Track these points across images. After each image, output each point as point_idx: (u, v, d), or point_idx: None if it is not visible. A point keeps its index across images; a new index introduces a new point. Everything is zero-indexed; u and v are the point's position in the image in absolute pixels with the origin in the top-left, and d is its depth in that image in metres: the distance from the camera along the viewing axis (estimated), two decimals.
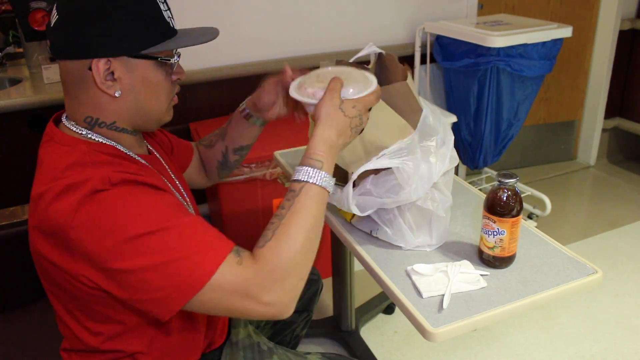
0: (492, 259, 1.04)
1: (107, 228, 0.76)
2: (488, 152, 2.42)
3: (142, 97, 0.89)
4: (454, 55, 2.34)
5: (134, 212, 0.78)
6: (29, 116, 1.94)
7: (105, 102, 0.86)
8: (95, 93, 0.85)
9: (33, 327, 1.42)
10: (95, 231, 0.76)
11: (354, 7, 2.41)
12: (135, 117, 0.90)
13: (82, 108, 0.87)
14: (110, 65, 0.83)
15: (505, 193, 0.99)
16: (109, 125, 0.89)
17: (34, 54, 2.24)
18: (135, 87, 0.87)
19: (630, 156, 3.40)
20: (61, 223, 0.77)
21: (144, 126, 0.94)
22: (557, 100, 3.15)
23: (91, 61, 0.82)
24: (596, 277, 1.03)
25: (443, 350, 1.89)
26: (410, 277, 1.03)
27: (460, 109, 2.41)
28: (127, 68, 0.85)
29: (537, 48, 2.19)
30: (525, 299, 0.98)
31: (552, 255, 1.10)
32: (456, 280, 1.01)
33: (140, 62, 0.86)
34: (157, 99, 0.91)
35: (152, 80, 0.88)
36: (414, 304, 0.97)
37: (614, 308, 2.08)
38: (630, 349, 1.88)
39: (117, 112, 0.88)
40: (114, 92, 0.85)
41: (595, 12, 2.99)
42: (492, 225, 1.01)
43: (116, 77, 0.84)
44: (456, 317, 0.94)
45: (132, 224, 0.77)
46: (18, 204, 1.64)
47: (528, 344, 1.92)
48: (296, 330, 1.47)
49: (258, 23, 2.24)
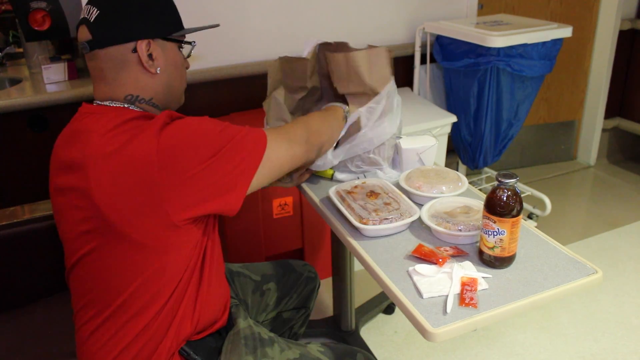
0: (492, 259, 1.04)
1: (190, 138, 0.91)
2: (488, 152, 2.42)
3: (172, 76, 1.05)
4: (454, 55, 2.34)
5: (200, 120, 0.95)
6: (29, 116, 1.94)
7: (145, 80, 1.01)
8: (136, 72, 1.00)
9: (33, 327, 1.42)
10: (180, 144, 0.89)
11: (354, 7, 2.41)
12: (167, 94, 1.05)
13: (122, 88, 1.00)
14: (150, 46, 0.99)
15: (505, 193, 0.99)
16: (147, 101, 1.02)
17: (34, 54, 2.24)
18: (168, 67, 1.03)
19: (630, 156, 3.40)
20: (143, 156, 0.88)
21: (170, 104, 1.08)
22: (557, 100, 3.15)
23: (135, 43, 0.97)
24: (596, 277, 1.03)
25: (443, 350, 1.89)
26: (412, 278, 1.03)
27: (460, 109, 2.41)
28: (162, 49, 1.02)
29: (537, 48, 2.19)
30: (525, 299, 0.97)
31: (553, 255, 1.10)
32: (457, 281, 1.01)
33: (170, 44, 1.03)
34: (181, 79, 1.09)
35: (178, 61, 1.06)
36: (414, 304, 0.97)
37: (614, 308, 2.08)
38: (630, 349, 1.88)
39: (154, 89, 1.03)
40: (155, 69, 1.01)
41: (595, 12, 2.99)
42: (492, 225, 1.01)
43: (154, 57, 1.00)
44: (456, 317, 0.94)
45: (207, 124, 0.95)
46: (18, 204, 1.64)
47: (528, 344, 1.92)
48: (294, 327, 1.48)
49: (258, 23, 2.24)
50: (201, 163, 0.90)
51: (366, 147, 1.34)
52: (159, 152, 0.88)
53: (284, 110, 1.41)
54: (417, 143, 1.40)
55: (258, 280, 1.39)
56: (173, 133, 0.91)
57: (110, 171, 0.88)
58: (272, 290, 1.39)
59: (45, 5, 1.99)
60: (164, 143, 0.89)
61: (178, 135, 0.91)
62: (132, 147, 0.88)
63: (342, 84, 1.33)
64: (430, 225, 1.14)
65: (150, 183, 0.87)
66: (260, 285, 1.39)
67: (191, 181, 0.90)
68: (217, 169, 0.92)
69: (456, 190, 1.28)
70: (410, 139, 1.42)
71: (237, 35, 2.22)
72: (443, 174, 1.34)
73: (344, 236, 1.20)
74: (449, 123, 2.27)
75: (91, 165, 0.90)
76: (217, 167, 0.92)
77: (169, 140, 0.89)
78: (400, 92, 2.56)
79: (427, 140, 1.42)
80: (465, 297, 0.97)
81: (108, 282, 0.95)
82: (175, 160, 0.89)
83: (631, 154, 3.40)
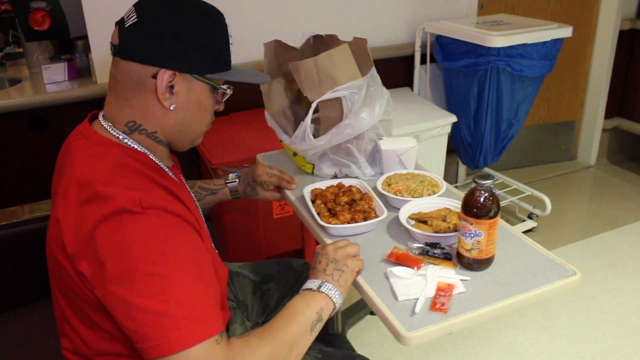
0: (470, 261, 1.03)
1: (120, 251, 0.77)
2: (488, 152, 2.42)
3: (190, 116, 0.93)
4: (454, 55, 2.34)
5: (151, 247, 0.78)
6: (29, 116, 1.94)
7: (155, 111, 0.90)
8: (149, 101, 0.89)
9: (33, 327, 1.42)
10: (109, 250, 0.77)
11: (354, 7, 2.41)
12: (177, 133, 0.94)
13: (129, 111, 0.90)
14: (174, 79, 0.87)
15: (482, 195, 0.97)
16: (149, 134, 0.92)
17: (34, 54, 2.24)
18: (187, 106, 0.91)
19: (630, 156, 3.40)
20: (84, 230, 0.79)
21: (179, 144, 0.97)
22: (557, 100, 3.15)
23: (158, 70, 0.86)
24: (575, 278, 1.02)
25: (443, 350, 1.89)
26: (389, 280, 1.02)
27: (460, 109, 2.41)
28: (187, 86, 0.89)
29: (537, 48, 2.19)
30: (503, 302, 0.96)
31: (532, 257, 1.08)
32: (433, 285, 0.99)
33: (200, 84, 0.91)
34: (201, 121, 0.96)
35: (204, 103, 0.93)
36: (388, 307, 0.95)
37: (614, 308, 2.08)
38: (630, 349, 1.88)
39: (163, 124, 0.91)
40: (169, 104, 0.89)
41: (595, 12, 2.99)
42: (469, 227, 0.99)
43: (174, 91, 0.88)
44: (431, 320, 0.92)
45: (145, 258, 0.77)
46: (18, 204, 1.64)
47: (528, 344, 1.92)
48: None
49: (256, 22, 2.24)
50: (110, 292, 0.78)
51: (346, 136, 1.35)
52: (91, 237, 0.78)
53: (284, 100, 1.42)
54: (398, 144, 1.39)
55: (258, 280, 1.39)
56: (112, 232, 0.78)
57: (60, 211, 0.84)
58: (272, 290, 1.39)
59: (45, 5, 1.99)
60: (99, 232, 0.78)
61: (113, 237, 0.78)
62: (80, 211, 0.81)
63: (313, 91, 1.33)
64: (408, 227, 1.13)
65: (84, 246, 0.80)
66: (260, 285, 1.38)
67: (103, 285, 0.79)
68: (120, 313, 0.78)
69: (435, 192, 1.28)
70: (391, 140, 1.41)
71: (234, 35, 2.21)
72: (421, 177, 1.34)
73: (319, 236, 1.19)
74: (449, 123, 2.27)
75: (58, 196, 0.87)
76: (122, 311, 0.78)
77: (102, 239, 0.78)
78: (401, 92, 2.57)
79: (408, 141, 1.40)
80: (437, 301, 0.95)
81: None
82: (100, 258, 0.78)
83: (631, 154, 3.40)
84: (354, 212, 1.20)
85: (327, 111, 1.35)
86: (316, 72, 1.31)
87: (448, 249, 1.11)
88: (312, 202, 1.27)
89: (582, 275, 1.04)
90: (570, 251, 2.43)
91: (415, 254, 1.08)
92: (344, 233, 1.18)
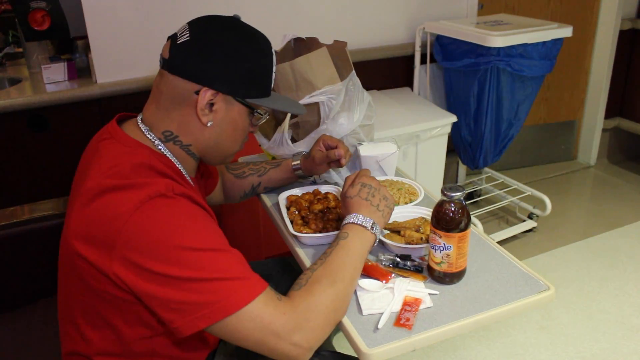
0: (440, 274, 1.00)
1: (163, 231, 0.81)
2: (488, 152, 2.42)
3: (225, 134, 0.97)
4: (454, 55, 2.34)
5: (191, 225, 0.84)
6: (29, 116, 1.94)
7: (193, 126, 0.94)
8: (188, 115, 0.93)
9: (33, 327, 1.42)
10: (150, 230, 0.80)
11: (354, 7, 2.41)
12: (209, 148, 0.98)
13: (167, 121, 0.94)
14: (215, 98, 0.92)
15: (450, 207, 0.95)
16: (183, 145, 0.96)
17: (34, 54, 2.24)
18: (224, 124, 0.95)
19: (630, 156, 3.40)
20: (115, 216, 0.80)
21: (210, 159, 1.02)
22: (557, 100, 3.15)
23: (202, 87, 0.90)
24: (548, 294, 0.98)
25: (443, 350, 1.89)
26: (355, 293, 0.99)
27: (460, 109, 2.41)
28: (227, 106, 0.94)
29: (537, 48, 2.19)
30: (469, 319, 0.93)
31: (506, 269, 1.05)
32: (400, 299, 0.96)
33: (239, 105, 0.95)
34: (235, 141, 1.00)
35: (239, 124, 0.98)
36: (352, 321, 0.92)
37: (614, 308, 2.08)
38: (630, 349, 1.88)
39: (197, 138, 0.96)
40: (207, 121, 0.93)
41: (595, 12, 2.99)
42: (439, 240, 0.96)
43: (214, 109, 0.93)
44: (394, 337, 0.89)
45: (187, 235, 0.82)
46: (18, 204, 1.64)
47: (528, 344, 1.92)
48: None
49: (257, 23, 2.23)
50: (155, 272, 0.80)
51: None
52: (125, 224, 0.80)
53: (291, 83, 1.37)
54: (378, 150, 1.36)
55: None
56: (152, 213, 0.81)
57: (85, 208, 0.84)
58: None
59: (45, 5, 1.99)
60: (136, 217, 0.80)
61: (154, 218, 0.81)
62: (108, 200, 0.82)
63: (290, 95, 1.32)
64: (380, 238, 1.09)
65: (109, 241, 0.81)
66: None
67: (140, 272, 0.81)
68: (168, 291, 0.80)
69: (412, 201, 1.26)
70: (371, 146, 1.38)
71: None
72: (399, 184, 1.32)
73: (290, 244, 1.17)
74: (449, 123, 2.27)
75: (83, 194, 0.86)
76: (169, 289, 0.80)
77: (140, 223, 0.80)
78: (401, 92, 2.57)
79: (389, 147, 1.37)
80: (401, 317, 0.93)
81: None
82: (129, 241, 0.80)
83: (631, 154, 3.40)
84: (327, 220, 1.17)
85: (306, 116, 1.34)
86: (293, 77, 1.30)
87: (419, 261, 1.08)
88: (287, 209, 1.24)
89: (582, 275, 1.03)
90: (570, 251, 2.43)
91: (384, 266, 1.06)
92: (316, 242, 1.14)
